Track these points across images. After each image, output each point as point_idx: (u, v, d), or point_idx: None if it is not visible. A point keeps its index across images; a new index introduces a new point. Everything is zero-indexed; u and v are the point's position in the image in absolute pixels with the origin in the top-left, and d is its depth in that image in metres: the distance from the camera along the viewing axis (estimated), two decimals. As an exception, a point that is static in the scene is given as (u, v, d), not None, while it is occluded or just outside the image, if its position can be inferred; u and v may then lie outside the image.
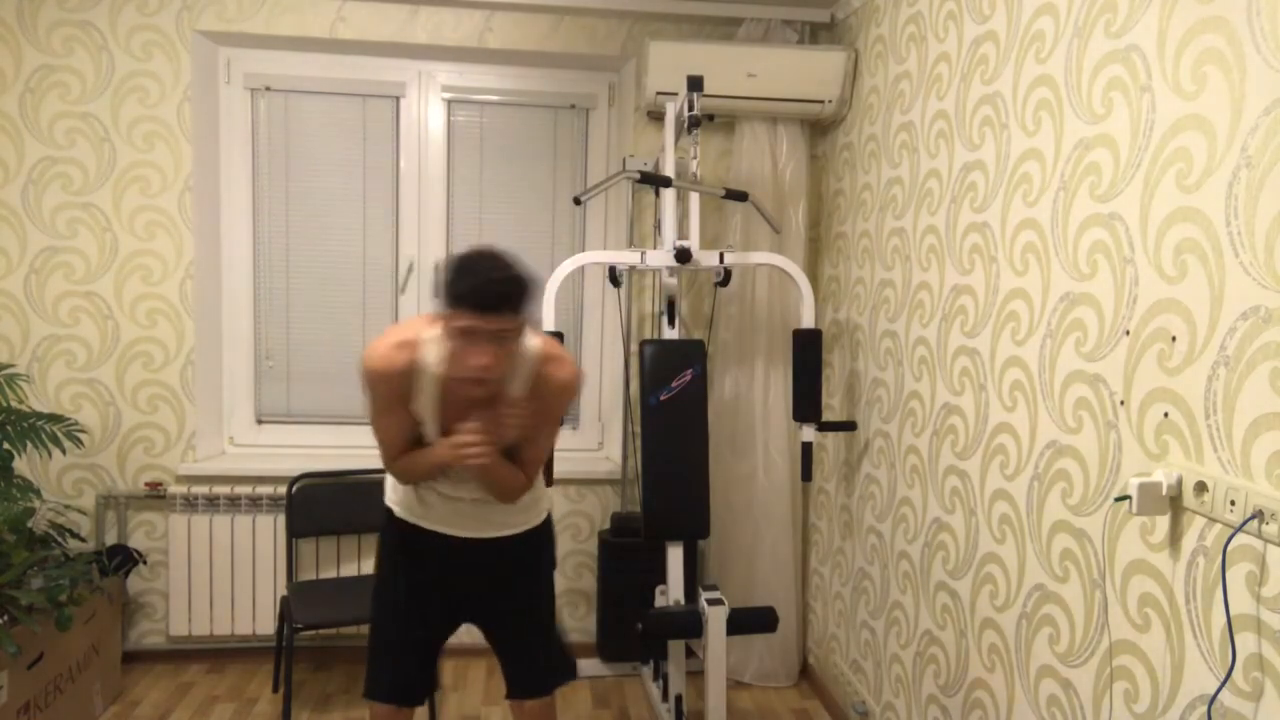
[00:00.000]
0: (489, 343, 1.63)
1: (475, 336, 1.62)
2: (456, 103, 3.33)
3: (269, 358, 3.36)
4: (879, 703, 2.70)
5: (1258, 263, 1.34)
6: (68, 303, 3.05)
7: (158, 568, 3.16)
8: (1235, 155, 1.38)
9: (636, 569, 3.05)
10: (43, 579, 2.49)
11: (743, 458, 3.18)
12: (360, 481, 3.18)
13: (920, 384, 2.46)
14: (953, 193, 2.29)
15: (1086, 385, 1.74)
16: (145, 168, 3.04)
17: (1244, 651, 1.36)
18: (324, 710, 2.92)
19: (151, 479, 3.13)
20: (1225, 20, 1.41)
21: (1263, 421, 1.32)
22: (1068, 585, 1.80)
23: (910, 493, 2.51)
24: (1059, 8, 1.85)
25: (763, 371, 3.16)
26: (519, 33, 3.14)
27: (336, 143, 3.30)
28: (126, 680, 3.05)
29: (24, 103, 2.98)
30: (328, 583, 3.04)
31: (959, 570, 2.23)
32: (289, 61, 3.24)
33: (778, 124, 3.13)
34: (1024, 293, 1.96)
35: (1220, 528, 1.41)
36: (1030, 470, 1.93)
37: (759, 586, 3.16)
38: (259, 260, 3.32)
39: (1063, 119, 1.83)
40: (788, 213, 3.14)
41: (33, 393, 3.05)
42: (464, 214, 3.38)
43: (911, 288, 2.52)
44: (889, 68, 2.71)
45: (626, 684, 3.19)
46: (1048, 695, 1.86)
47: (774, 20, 3.10)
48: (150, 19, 3.00)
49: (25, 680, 2.41)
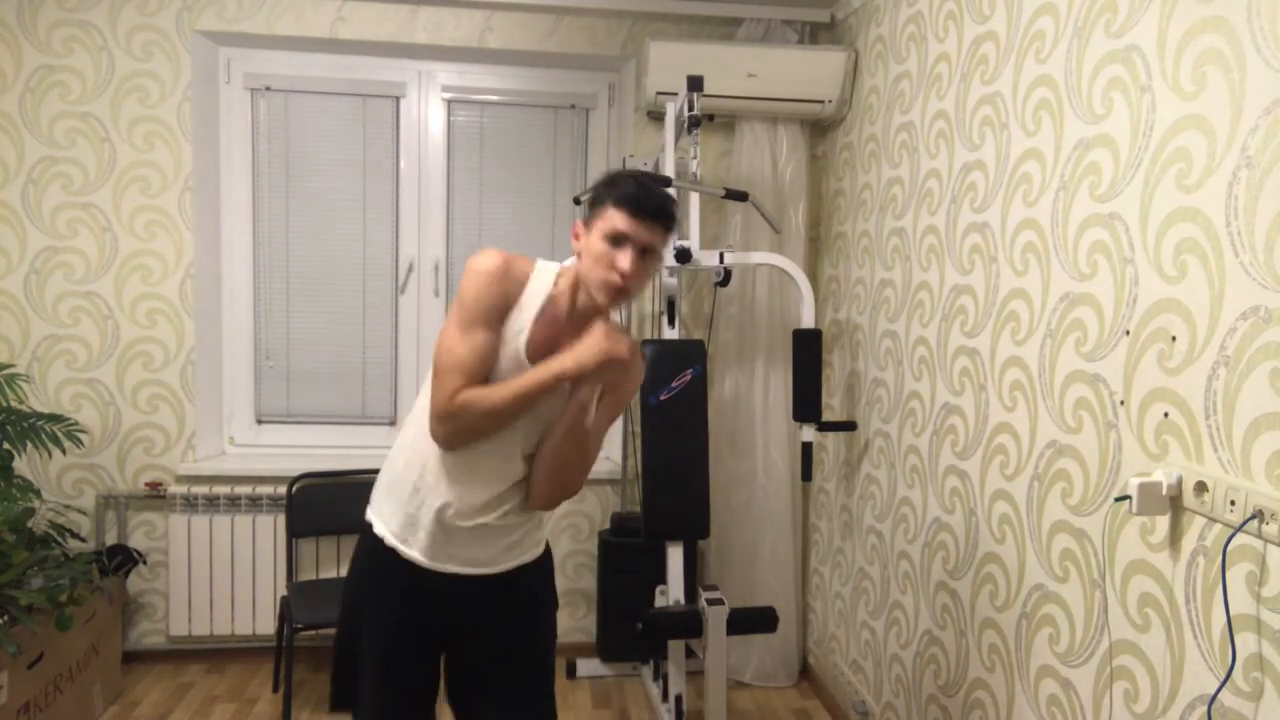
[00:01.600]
0: (637, 254, 1.51)
1: (626, 243, 1.50)
2: (456, 103, 3.33)
3: (269, 358, 3.35)
4: (879, 703, 2.70)
5: (1258, 263, 1.34)
6: (68, 303, 3.05)
7: (158, 568, 3.16)
8: (1235, 155, 1.38)
9: (636, 569, 3.05)
10: (43, 579, 2.49)
11: (743, 458, 3.18)
12: (360, 481, 3.17)
13: (920, 384, 2.46)
14: (953, 193, 2.29)
15: (1086, 385, 1.74)
16: (145, 168, 3.04)
17: (1244, 651, 1.35)
18: (324, 710, 2.92)
19: (151, 479, 3.13)
20: (1225, 20, 1.41)
21: (1263, 421, 1.32)
22: (1068, 585, 1.80)
23: (910, 493, 2.51)
24: (1059, 8, 1.85)
25: (763, 371, 3.16)
26: (519, 33, 3.14)
27: (336, 143, 3.30)
28: (126, 680, 3.05)
29: (24, 103, 2.98)
30: (328, 583, 3.04)
31: (959, 570, 2.23)
32: (289, 61, 3.24)
33: (778, 124, 3.13)
34: (1024, 293, 1.96)
35: (1220, 528, 1.41)
36: (1030, 470, 1.93)
37: (759, 586, 3.16)
38: (259, 260, 3.32)
39: (1063, 119, 1.83)
40: (788, 213, 3.14)
41: (33, 393, 3.05)
42: (464, 214, 3.38)
43: (911, 288, 2.52)
44: (889, 68, 2.71)
45: (626, 684, 3.19)
46: (1048, 695, 1.86)
47: (774, 20, 3.10)
48: (150, 19, 3.00)
49: (25, 680, 2.41)
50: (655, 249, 1.53)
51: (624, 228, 1.50)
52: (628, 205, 1.50)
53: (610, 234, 1.51)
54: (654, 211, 1.50)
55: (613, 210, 1.51)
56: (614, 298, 1.53)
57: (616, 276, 1.50)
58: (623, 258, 1.50)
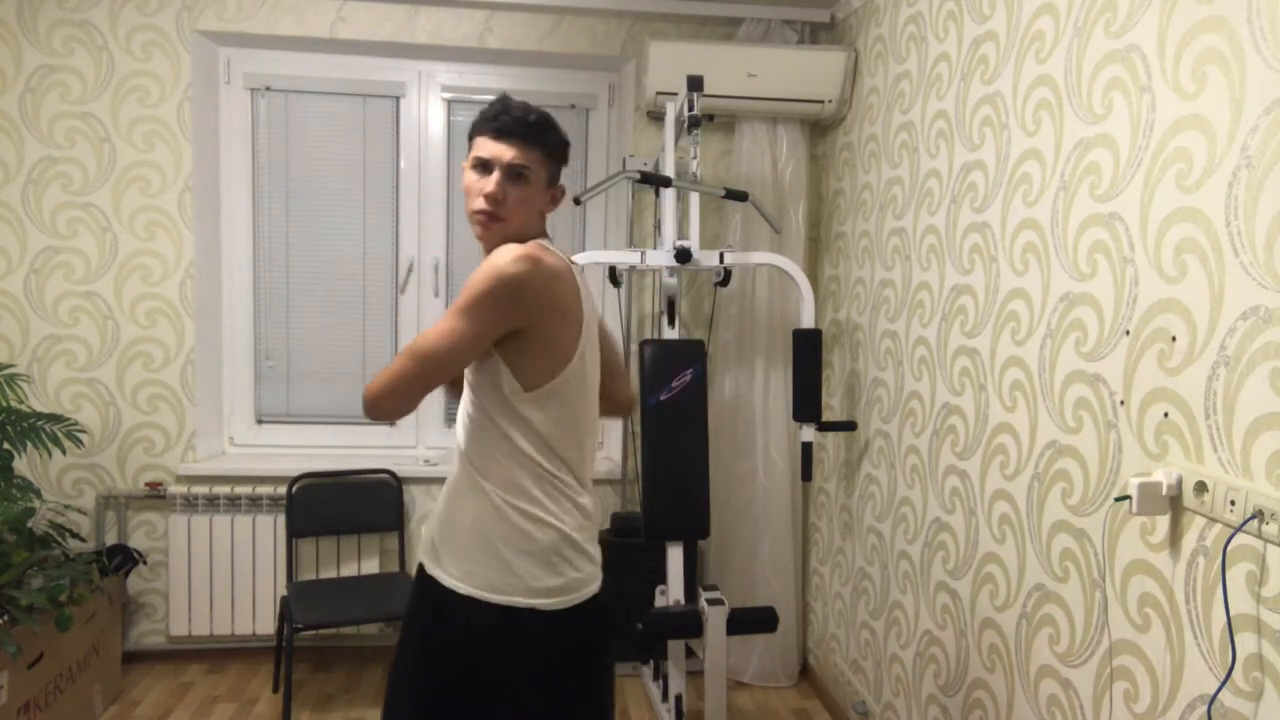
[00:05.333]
0: (502, 175, 1.46)
1: (491, 167, 1.47)
2: (456, 103, 3.33)
3: (269, 358, 3.35)
4: (879, 703, 2.70)
5: (1258, 263, 1.34)
6: (68, 303, 3.05)
7: (158, 568, 3.16)
8: (1235, 155, 1.38)
9: (636, 569, 3.05)
10: (43, 579, 2.49)
11: (743, 458, 3.18)
12: (360, 481, 3.18)
13: (920, 384, 2.46)
14: (953, 193, 2.29)
15: (1086, 385, 1.73)
16: (145, 168, 3.04)
17: (1244, 651, 1.35)
18: (324, 710, 2.92)
19: (151, 479, 3.13)
20: (1225, 20, 1.41)
21: (1263, 421, 1.32)
22: (1068, 585, 1.80)
23: (910, 493, 2.51)
24: (1059, 8, 1.85)
25: (763, 371, 3.16)
26: (519, 33, 3.14)
27: (336, 143, 3.30)
28: (126, 680, 3.05)
29: (24, 103, 2.98)
30: (328, 583, 3.04)
31: (959, 570, 2.23)
32: (289, 61, 3.24)
33: (778, 124, 3.13)
34: (1024, 293, 1.96)
35: (1220, 528, 1.41)
36: (1030, 470, 1.93)
37: (759, 586, 3.16)
38: (259, 260, 3.32)
39: (1063, 119, 1.83)
40: (788, 213, 3.14)
41: (33, 393, 3.05)
42: (464, 214, 3.37)
43: (911, 288, 2.52)
44: (889, 68, 2.71)
45: (626, 684, 3.19)
46: (1048, 695, 1.86)
47: (774, 20, 3.10)
48: (150, 19, 3.00)
49: (25, 680, 2.41)
50: (524, 170, 1.47)
51: (483, 152, 1.47)
52: (487, 128, 1.47)
53: (474, 162, 1.49)
54: (514, 127, 1.45)
55: (476, 137, 1.49)
56: (486, 226, 1.48)
57: (481, 201, 1.46)
58: (486, 182, 1.46)
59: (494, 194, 1.45)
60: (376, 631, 3.26)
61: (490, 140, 1.47)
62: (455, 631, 1.48)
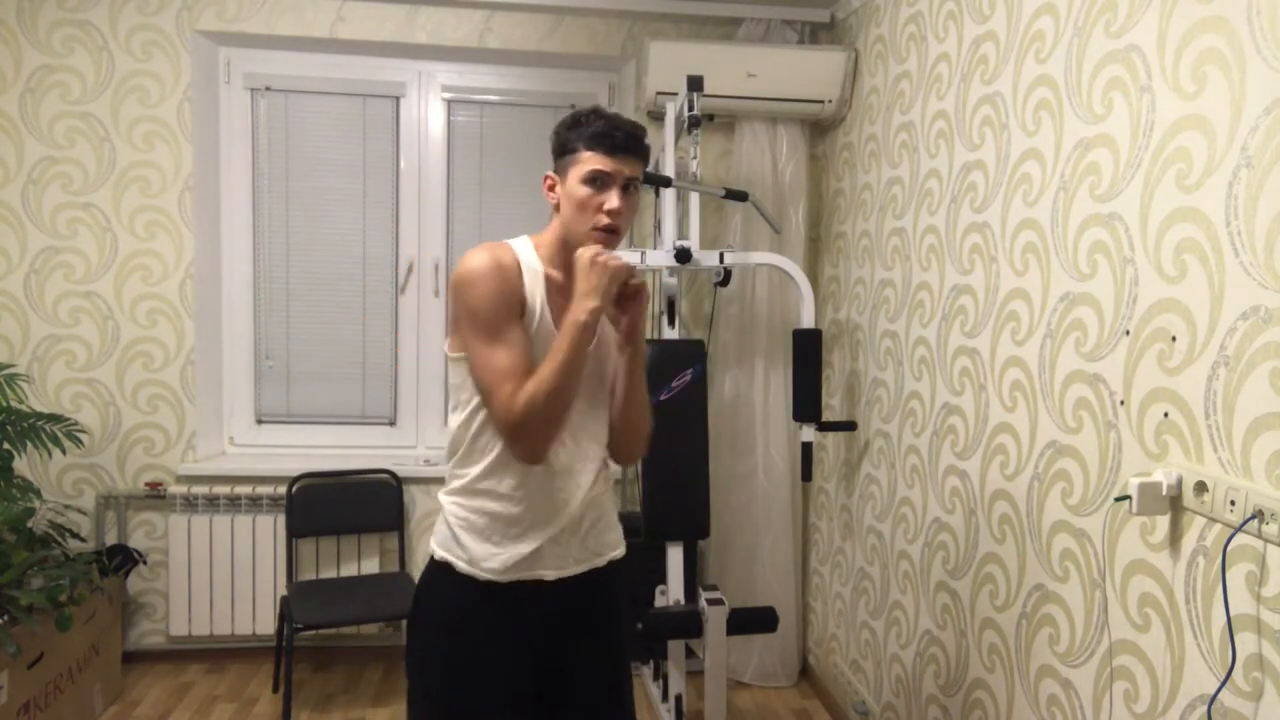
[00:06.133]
0: (620, 190, 1.48)
1: (609, 181, 1.48)
2: (456, 103, 3.33)
3: (269, 358, 3.35)
4: (879, 703, 2.70)
5: (1258, 263, 1.34)
6: (68, 303, 3.05)
7: (158, 568, 3.15)
8: (1235, 155, 1.38)
9: (636, 569, 3.04)
10: (43, 579, 2.49)
11: (743, 458, 3.17)
12: (360, 481, 3.18)
13: (920, 384, 2.46)
14: (953, 193, 2.29)
15: (1086, 385, 1.74)
16: (145, 168, 3.04)
17: (1244, 651, 1.35)
18: (324, 710, 2.92)
19: (151, 479, 3.13)
20: (1225, 20, 1.41)
21: (1263, 421, 1.32)
22: (1068, 585, 1.80)
23: (910, 493, 2.51)
24: (1059, 8, 1.85)
25: (763, 371, 3.16)
26: (519, 33, 3.14)
27: (336, 143, 3.30)
28: (126, 680, 3.05)
29: (24, 103, 2.98)
30: (328, 583, 3.04)
31: (959, 570, 2.23)
32: (289, 61, 3.24)
33: (778, 124, 3.13)
34: (1024, 293, 1.96)
35: (1220, 528, 1.41)
36: (1030, 470, 1.93)
37: (759, 586, 3.16)
38: (259, 260, 3.32)
39: (1063, 119, 1.83)
40: (788, 213, 3.14)
41: (33, 393, 3.05)
42: (464, 214, 3.38)
43: (911, 288, 2.52)
44: (889, 68, 2.71)
45: (626, 684, 3.19)
46: (1048, 695, 1.86)
47: (774, 20, 3.10)
48: (150, 19, 3.00)
49: (25, 680, 2.41)
50: (635, 181, 1.51)
51: (603, 166, 1.47)
52: (602, 144, 1.48)
53: (589, 176, 1.48)
54: (628, 144, 1.48)
55: (586, 152, 1.49)
56: (606, 240, 1.50)
57: (605, 218, 1.48)
58: (609, 198, 1.48)
59: (619, 209, 1.49)
60: (376, 631, 3.26)
61: (606, 156, 1.48)
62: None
